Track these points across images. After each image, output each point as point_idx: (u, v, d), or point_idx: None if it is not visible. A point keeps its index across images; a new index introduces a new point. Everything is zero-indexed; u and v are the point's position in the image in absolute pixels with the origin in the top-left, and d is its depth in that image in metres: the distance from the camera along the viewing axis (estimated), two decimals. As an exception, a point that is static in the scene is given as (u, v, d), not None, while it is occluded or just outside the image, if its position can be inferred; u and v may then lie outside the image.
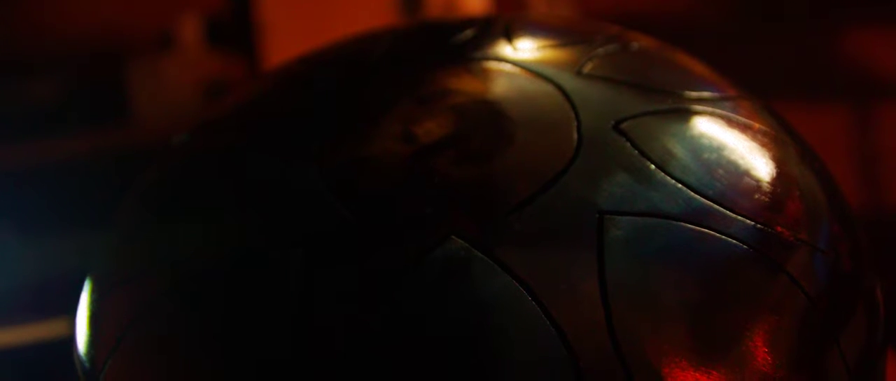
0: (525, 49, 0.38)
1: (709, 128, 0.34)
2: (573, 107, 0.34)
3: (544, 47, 0.38)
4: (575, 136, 0.33)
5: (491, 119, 0.34)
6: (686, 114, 0.35)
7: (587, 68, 0.36)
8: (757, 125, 0.35)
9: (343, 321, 0.29)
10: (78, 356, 0.35)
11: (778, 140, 0.35)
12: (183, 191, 0.36)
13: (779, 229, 0.32)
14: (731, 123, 0.35)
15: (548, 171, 0.32)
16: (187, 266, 0.33)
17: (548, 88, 0.35)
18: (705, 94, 0.36)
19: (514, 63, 0.37)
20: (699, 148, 0.33)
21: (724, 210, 0.31)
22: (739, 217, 0.31)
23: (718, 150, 0.33)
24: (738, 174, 0.33)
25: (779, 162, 0.34)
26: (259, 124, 0.37)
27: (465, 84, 0.37)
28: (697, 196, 0.31)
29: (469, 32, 0.40)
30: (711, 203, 0.31)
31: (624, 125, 0.33)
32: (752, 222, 0.31)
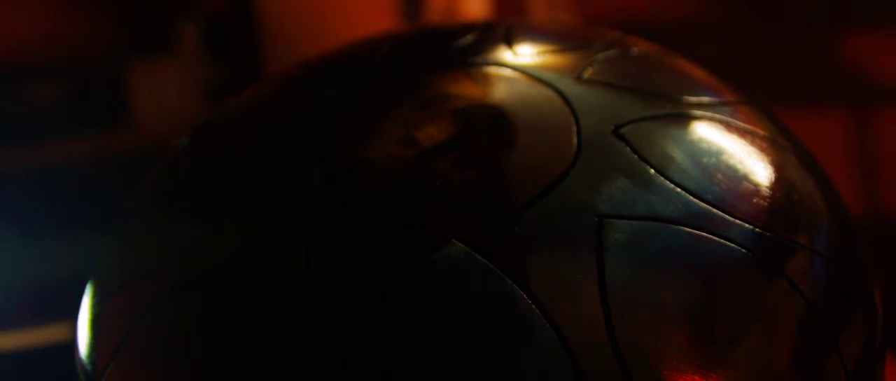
0: (525, 54, 0.38)
1: (708, 133, 0.34)
2: (573, 112, 0.34)
3: (544, 52, 0.38)
4: (575, 140, 0.33)
5: (491, 123, 0.35)
6: (685, 119, 0.35)
7: (587, 73, 0.37)
8: (756, 130, 0.36)
9: (344, 324, 0.29)
10: (79, 359, 0.35)
11: (777, 145, 0.36)
12: (184, 194, 0.37)
13: (777, 232, 0.32)
14: (729, 127, 0.35)
15: (548, 175, 0.32)
16: (189, 269, 0.33)
17: (548, 92, 0.35)
18: (704, 99, 0.36)
19: (515, 68, 0.37)
20: (698, 153, 0.33)
21: (723, 214, 0.31)
22: (738, 221, 0.31)
23: (717, 154, 0.33)
24: (737, 179, 0.33)
25: (777, 166, 0.34)
26: (261, 128, 0.38)
27: (465, 89, 0.37)
28: (696, 200, 0.32)
29: (469, 37, 0.40)
30: (710, 207, 0.31)
31: (623, 130, 0.33)
32: (751, 226, 0.32)
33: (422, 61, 0.39)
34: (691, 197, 0.32)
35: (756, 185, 0.33)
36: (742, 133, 0.35)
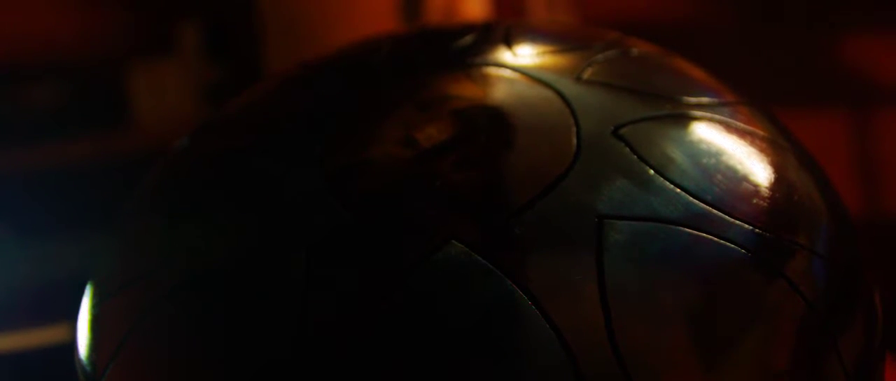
0: (525, 55, 0.38)
1: (707, 133, 0.34)
2: (573, 112, 0.34)
3: (544, 53, 0.38)
4: (574, 141, 0.33)
5: (491, 124, 0.35)
6: (685, 119, 0.35)
7: (587, 74, 0.37)
8: (755, 130, 0.36)
9: (344, 324, 0.29)
10: (79, 360, 0.35)
11: (776, 145, 0.36)
12: (184, 194, 0.37)
13: (777, 233, 0.32)
14: (729, 128, 0.35)
15: (548, 175, 0.32)
16: (189, 270, 0.33)
17: (547, 93, 0.35)
18: (704, 99, 0.36)
19: (514, 69, 0.37)
20: (698, 153, 0.33)
21: (723, 215, 0.31)
22: (738, 222, 0.31)
23: (717, 155, 0.33)
24: (737, 179, 0.33)
25: (777, 167, 0.34)
26: (261, 129, 0.38)
27: (465, 90, 0.37)
28: (696, 201, 0.31)
29: (469, 38, 0.40)
30: (710, 208, 0.31)
31: (623, 131, 0.33)
32: (751, 227, 0.32)
33: (421, 62, 0.39)
34: (691, 198, 0.32)
35: (756, 185, 0.33)
36: (742, 134, 0.35)
